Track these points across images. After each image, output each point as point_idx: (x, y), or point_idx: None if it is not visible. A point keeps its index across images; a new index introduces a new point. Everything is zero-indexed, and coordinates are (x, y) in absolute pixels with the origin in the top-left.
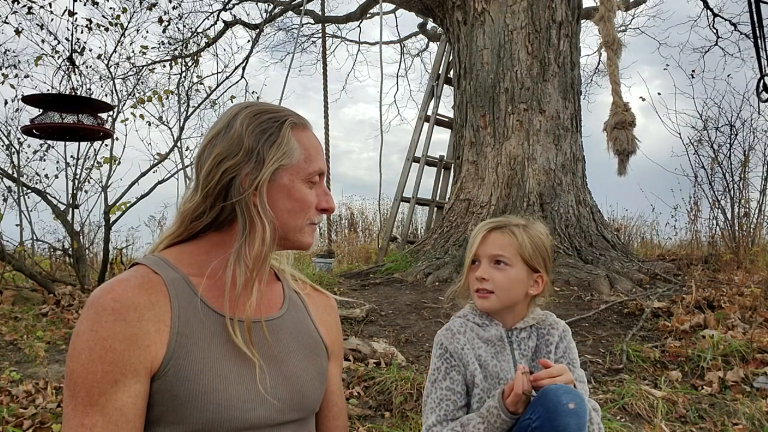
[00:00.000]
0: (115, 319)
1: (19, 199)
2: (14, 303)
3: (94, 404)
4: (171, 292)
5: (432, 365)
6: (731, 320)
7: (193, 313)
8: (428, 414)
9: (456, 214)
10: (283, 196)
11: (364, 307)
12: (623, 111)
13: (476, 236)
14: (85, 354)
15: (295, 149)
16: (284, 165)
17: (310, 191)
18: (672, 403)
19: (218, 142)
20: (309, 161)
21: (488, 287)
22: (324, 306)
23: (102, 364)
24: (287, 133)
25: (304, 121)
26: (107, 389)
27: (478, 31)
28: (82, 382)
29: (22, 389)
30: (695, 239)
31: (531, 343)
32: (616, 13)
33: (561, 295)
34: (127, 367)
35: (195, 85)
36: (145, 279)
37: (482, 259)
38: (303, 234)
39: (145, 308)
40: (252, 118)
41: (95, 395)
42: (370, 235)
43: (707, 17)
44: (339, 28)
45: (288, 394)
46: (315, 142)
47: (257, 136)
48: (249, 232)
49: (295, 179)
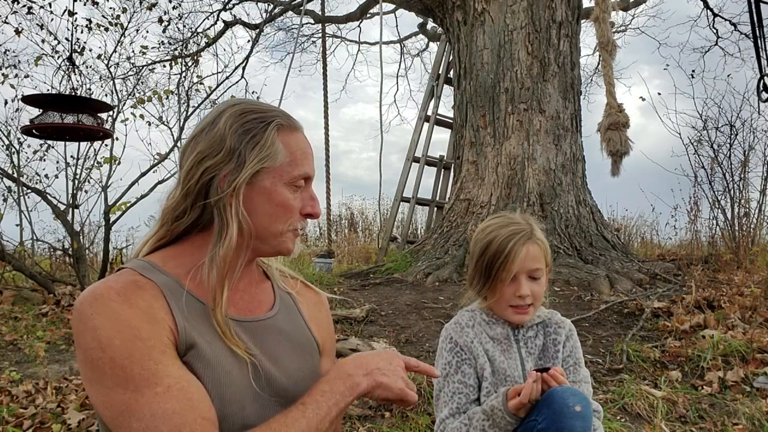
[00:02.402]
0: (123, 300)
1: (19, 199)
2: (14, 303)
3: (156, 372)
4: (165, 293)
5: (443, 359)
6: (731, 320)
7: (190, 312)
8: (441, 407)
9: (456, 214)
10: (263, 199)
11: (364, 307)
12: (617, 112)
13: (515, 251)
14: (118, 339)
15: (279, 151)
16: (266, 167)
17: (293, 195)
18: (672, 403)
19: (201, 139)
20: (294, 165)
21: (529, 302)
22: (314, 303)
23: (140, 340)
24: (272, 134)
25: (293, 123)
26: (160, 358)
27: (478, 31)
28: (130, 361)
29: (22, 389)
30: (695, 239)
31: (538, 342)
32: (612, 14)
33: (561, 295)
34: (162, 341)
35: (195, 85)
36: (135, 277)
37: (521, 276)
38: (284, 240)
39: (145, 289)
40: (237, 117)
41: (152, 365)
42: (370, 235)
43: (707, 17)
44: (339, 28)
45: (282, 393)
46: (303, 146)
47: (240, 136)
48: (224, 237)
49: (277, 182)
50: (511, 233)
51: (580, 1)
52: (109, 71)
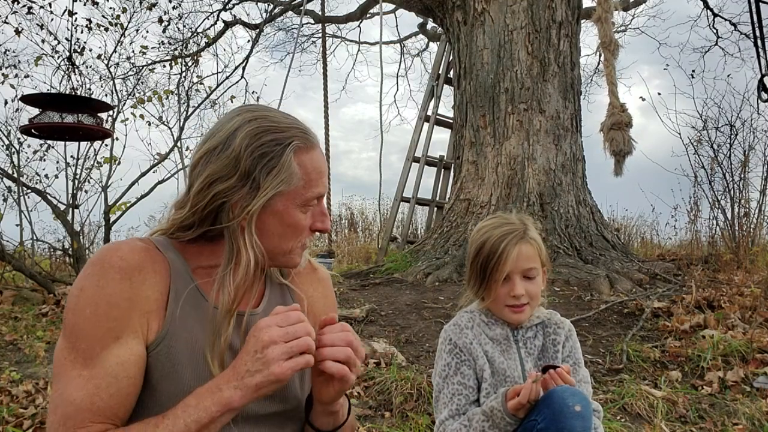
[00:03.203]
0: (121, 277)
1: (19, 199)
2: (14, 303)
3: (95, 357)
4: (172, 270)
5: (442, 361)
6: (731, 320)
7: (187, 298)
8: (441, 409)
9: (456, 214)
10: (276, 221)
11: (364, 307)
12: (620, 112)
13: (507, 251)
14: (90, 309)
15: (294, 174)
16: (281, 191)
17: (305, 215)
18: (672, 403)
19: (214, 158)
20: (308, 187)
21: (524, 301)
22: (310, 281)
23: (107, 320)
24: (289, 158)
25: (310, 141)
26: (110, 344)
27: (478, 31)
28: (84, 336)
29: (22, 389)
30: (695, 239)
31: (537, 342)
32: (614, 13)
33: (561, 295)
34: (129, 326)
35: (195, 85)
36: (150, 247)
37: (515, 276)
38: (292, 256)
39: (149, 273)
40: (253, 138)
41: (97, 349)
42: (370, 235)
43: (707, 17)
44: (339, 28)
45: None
46: (318, 164)
47: (255, 160)
48: (234, 261)
49: (290, 205)
50: (504, 234)
51: (580, 1)
52: (109, 71)
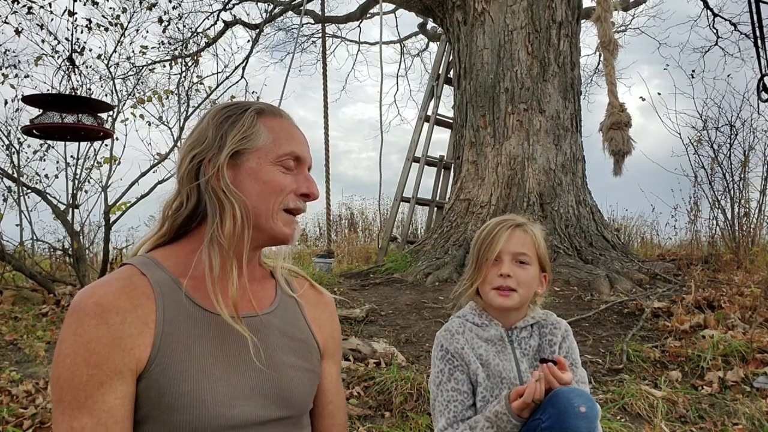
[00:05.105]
0: (98, 323)
1: (19, 199)
2: (14, 303)
3: (82, 407)
4: (156, 292)
5: (435, 368)
6: (731, 320)
7: (179, 312)
8: (438, 417)
9: (456, 214)
10: (251, 179)
11: (364, 307)
12: (619, 111)
13: (499, 234)
14: (70, 358)
15: (260, 133)
16: (248, 148)
17: (283, 175)
18: (672, 403)
19: (191, 138)
20: (278, 144)
21: (512, 285)
22: (317, 303)
23: (87, 367)
24: (251, 116)
25: (275, 110)
26: (93, 392)
27: (478, 31)
28: (68, 385)
29: (22, 389)
30: (695, 239)
31: (533, 342)
32: (614, 13)
33: (561, 295)
34: (112, 370)
35: (195, 85)
36: (127, 282)
37: (505, 257)
38: (276, 221)
39: (128, 311)
40: (219, 111)
41: (82, 398)
42: (370, 235)
43: (707, 17)
44: (339, 28)
45: (273, 391)
46: (288, 128)
47: (221, 123)
48: (219, 215)
49: (263, 162)
50: (501, 221)
51: (580, 1)
52: (109, 71)
